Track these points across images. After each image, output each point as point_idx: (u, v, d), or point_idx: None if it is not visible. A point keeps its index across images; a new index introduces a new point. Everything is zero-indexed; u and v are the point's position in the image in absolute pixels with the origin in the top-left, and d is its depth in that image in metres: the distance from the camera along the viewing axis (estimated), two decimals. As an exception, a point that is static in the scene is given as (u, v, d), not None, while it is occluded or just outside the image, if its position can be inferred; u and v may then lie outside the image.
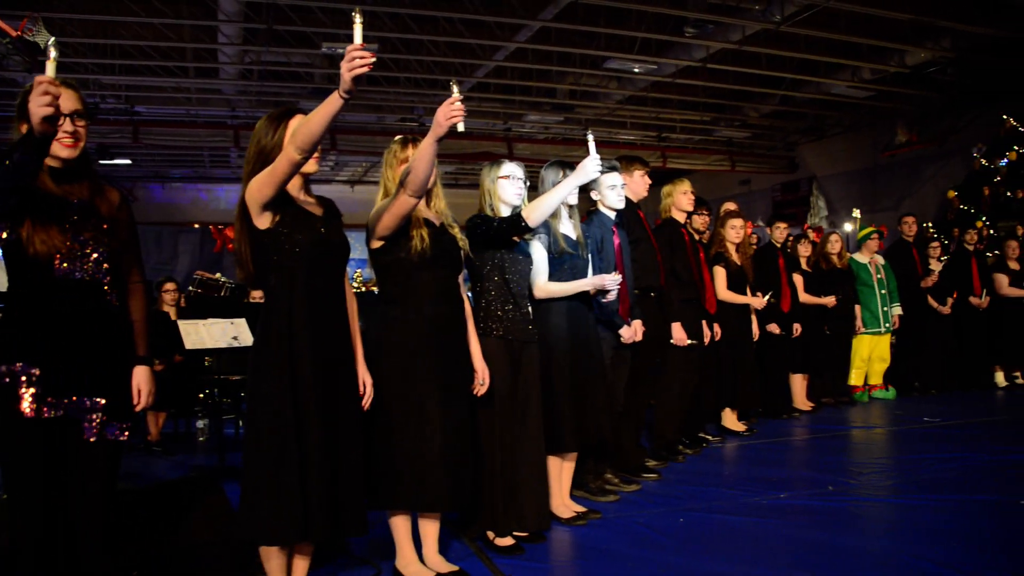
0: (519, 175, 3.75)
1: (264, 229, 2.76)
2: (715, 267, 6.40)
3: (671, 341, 5.27)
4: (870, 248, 8.37)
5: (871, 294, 8.21)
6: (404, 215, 3.04)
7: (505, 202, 3.73)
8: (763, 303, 6.62)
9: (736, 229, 6.50)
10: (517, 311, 3.65)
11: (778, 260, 7.34)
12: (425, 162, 2.88)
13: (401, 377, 3.10)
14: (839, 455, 5.55)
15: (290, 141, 2.58)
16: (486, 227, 3.59)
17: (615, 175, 4.46)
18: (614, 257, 4.39)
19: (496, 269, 3.63)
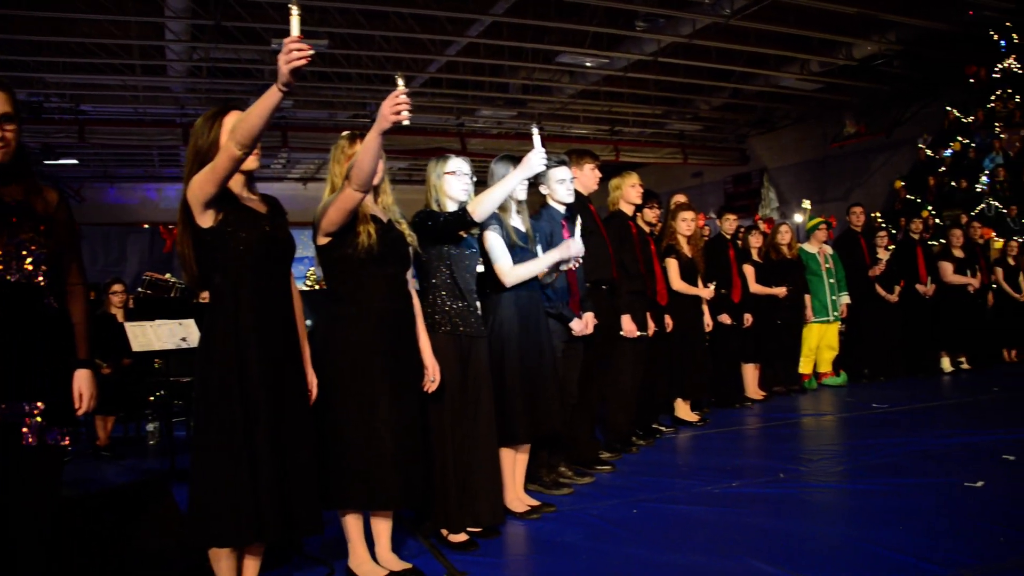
0: (465, 170, 3.74)
1: (207, 228, 2.72)
2: (667, 259, 6.43)
3: (620, 333, 5.29)
4: (819, 238, 8.47)
5: (820, 283, 8.30)
6: (350, 209, 3.02)
7: (452, 197, 3.71)
8: (711, 293, 6.68)
9: (687, 222, 6.52)
10: (465, 306, 3.64)
11: (728, 251, 7.40)
12: (370, 155, 2.86)
13: (351, 375, 3.07)
14: (791, 443, 5.62)
15: (230, 137, 2.54)
16: (432, 223, 3.57)
17: (564, 169, 4.47)
18: None
19: (443, 264, 3.62)
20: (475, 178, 3.82)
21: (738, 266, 7.46)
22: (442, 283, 3.61)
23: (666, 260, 6.42)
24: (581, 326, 4.39)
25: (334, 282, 3.18)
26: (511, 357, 3.88)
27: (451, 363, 3.53)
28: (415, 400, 3.24)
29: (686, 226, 6.51)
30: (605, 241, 5.07)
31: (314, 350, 3.09)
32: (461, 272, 3.65)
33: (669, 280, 6.36)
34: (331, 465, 3.06)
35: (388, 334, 3.15)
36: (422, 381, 3.35)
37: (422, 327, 3.43)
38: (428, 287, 3.63)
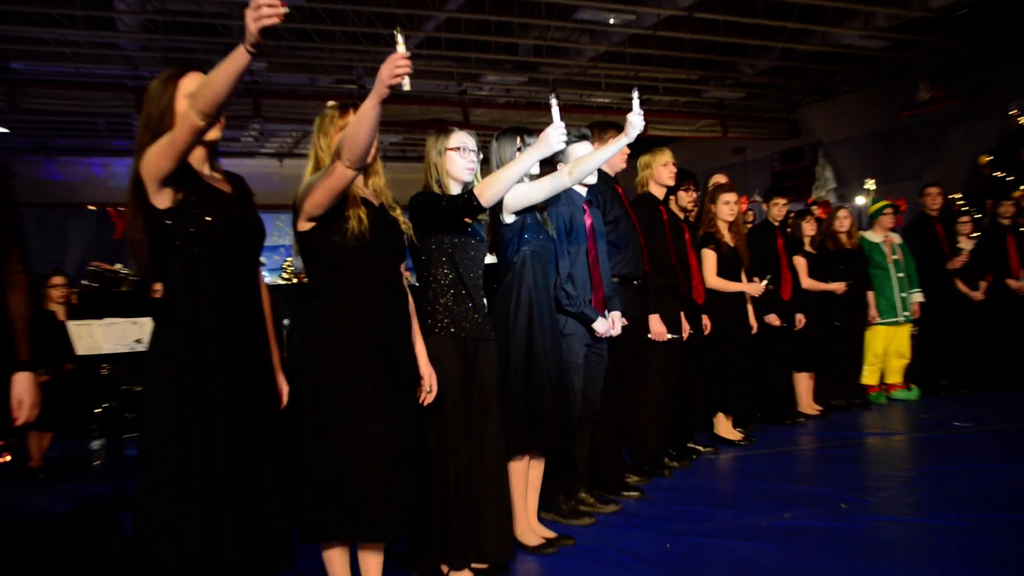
0: (471, 146, 3.77)
1: (164, 209, 2.72)
2: (704, 250, 6.48)
3: (648, 336, 5.33)
4: (884, 224, 8.50)
5: (886, 278, 8.34)
6: (340, 190, 3.03)
7: (455, 177, 3.75)
8: (760, 289, 6.70)
9: (728, 205, 6.56)
10: (470, 304, 3.68)
11: (777, 240, 7.46)
12: (366, 127, 2.86)
13: (335, 385, 3.08)
14: (853, 467, 5.63)
15: (190, 104, 2.56)
16: (432, 207, 3.60)
17: (585, 145, 4.50)
18: (585, 240, 4.43)
19: (444, 256, 3.65)
20: (481, 155, 3.87)
21: (788, 258, 7.51)
22: (442, 278, 3.65)
23: (703, 251, 6.46)
24: (606, 326, 4.42)
25: (316, 275, 3.20)
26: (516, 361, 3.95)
27: (452, 370, 3.57)
28: (411, 414, 3.26)
29: (727, 210, 6.55)
30: (635, 229, 5.11)
31: (291, 355, 3.11)
32: (465, 265, 3.68)
33: (706, 274, 6.41)
34: (312, 491, 3.06)
35: (379, 337, 3.16)
36: (417, 392, 3.38)
37: (417, 329, 3.46)
38: (426, 282, 3.66)
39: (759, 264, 7.10)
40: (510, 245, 4.05)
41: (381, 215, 3.25)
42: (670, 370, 5.60)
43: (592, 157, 4.09)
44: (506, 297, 4.00)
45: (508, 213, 4.03)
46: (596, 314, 4.39)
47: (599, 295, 4.47)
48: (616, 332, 4.55)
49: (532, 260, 4.03)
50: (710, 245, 6.49)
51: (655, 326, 5.34)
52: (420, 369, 3.41)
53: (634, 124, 4.04)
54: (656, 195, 5.77)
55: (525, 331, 3.96)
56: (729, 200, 6.57)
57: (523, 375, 3.94)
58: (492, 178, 3.62)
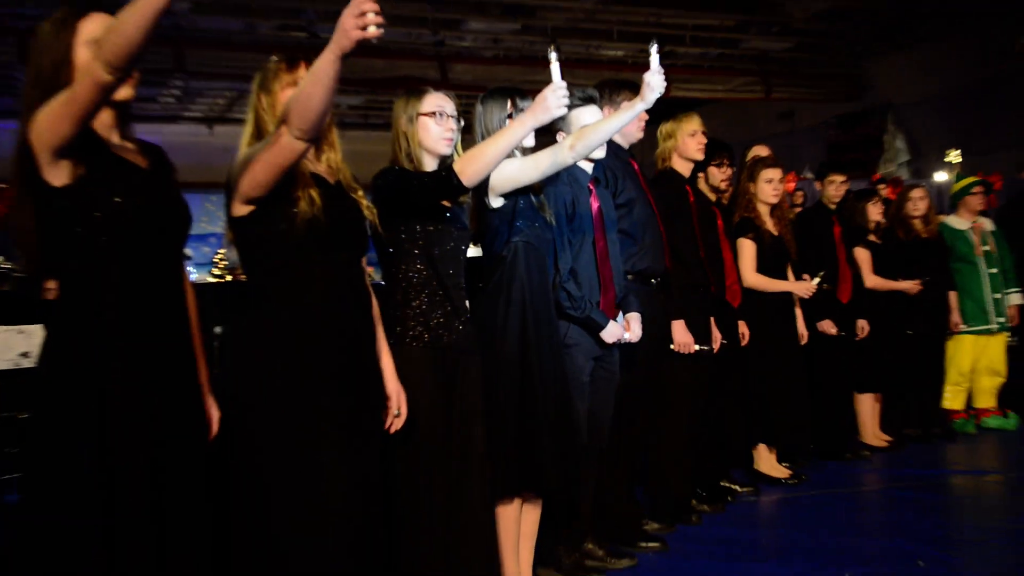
0: (449, 110, 3.79)
1: (60, 187, 2.70)
2: (740, 240, 6.49)
3: (671, 348, 5.36)
4: (972, 207, 8.51)
5: (975, 275, 8.37)
6: (286, 165, 2.99)
7: (429, 150, 3.77)
8: (811, 289, 6.66)
9: (771, 184, 6.57)
10: (449, 308, 3.70)
11: (833, 228, 7.45)
12: (322, 87, 2.79)
13: (282, 412, 3.05)
14: (931, 515, 5.62)
15: (94, 54, 2.54)
16: (401, 187, 3.62)
17: (592, 110, 4.53)
18: (591, 226, 4.44)
19: (417, 248, 3.67)
20: (462, 121, 3.88)
21: (847, 250, 7.51)
22: (414, 275, 3.67)
23: (739, 241, 6.48)
24: (617, 333, 4.45)
25: (257, 272, 3.18)
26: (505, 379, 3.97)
27: (427, 389, 3.58)
28: (376, 444, 3.26)
29: (770, 191, 6.57)
30: (654, 214, 5.13)
31: (224, 373, 3.10)
32: (443, 260, 3.70)
33: (742, 270, 6.43)
34: (252, 542, 3.03)
35: (336, 349, 3.14)
36: (384, 416, 3.39)
37: (383, 339, 3.47)
38: (394, 281, 3.68)
39: (810, 258, 7.10)
40: (498, 235, 4.07)
41: (338, 197, 3.24)
42: (698, 390, 5.61)
43: (601, 126, 4.07)
44: (494, 299, 4.02)
45: (496, 195, 4.05)
46: (605, 319, 4.41)
47: (609, 296, 4.49)
48: (635, 337, 4.58)
49: (526, 253, 4.05)
50: (748, 234, 6.50)
51: (679, 335, 5.35)
52: (387, 388, 3.42)
53: (653, 84, 3.95)
54: (681, 172, 5.78)
55: (518, 342, 3.98)
56: (773, 178, 6.57)
57: (515, 397, 3.95)
58: (476, 151, 3.63)
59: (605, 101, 4.91)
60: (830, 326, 7.21)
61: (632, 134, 5.11)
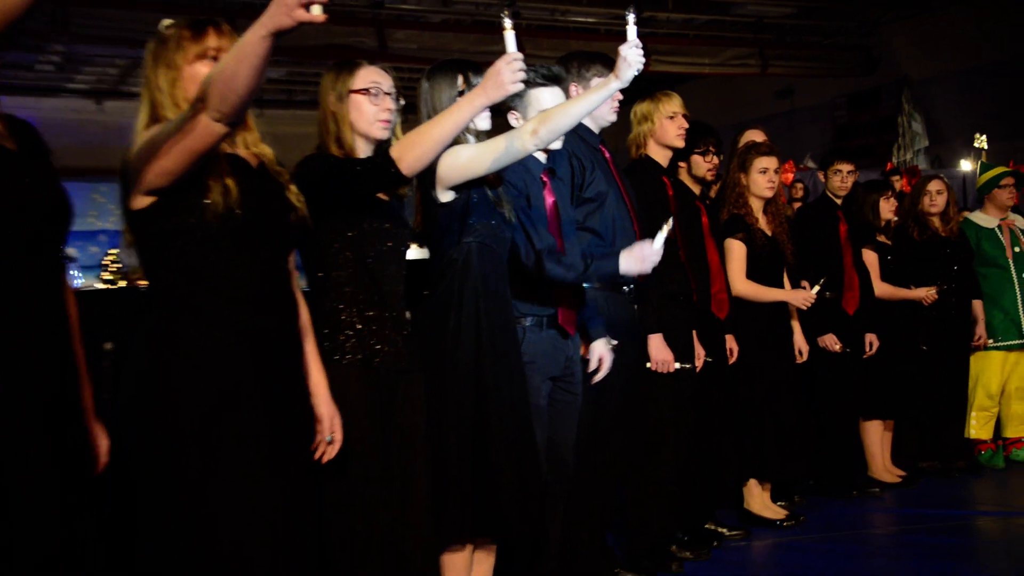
0: (386, 87, 3.84)
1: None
2: (728, 240, 6.52)
3: (647, 366, 5.38)
4: (1001, 202, 8.58)
5: (1004, 281, 8.43)
6: (203, 150, 2.92)
7: (363, 133, 3.82)
8: (811, 298, 6.70)
9: (765, 175, 6.59)
10: (387, 317, 3.75)
11: (838, 226, 7.51)
12: (250, 67, 2.75)
13: (191, 442, 3.00)
14: (953, 563, 5.63)
15: None
16: (331, 177, 3.66)
17: (553, 91, 4.58)
18: (545, 225, 4.51)
19: (349, 249, 3.71)
20: (402, 100, 3.91)
21: (854, 252, 7.57)
22: (345, 281, 3.71)
23: (727, 242, 6.51)
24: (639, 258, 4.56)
25: (161, 275, 3.14)
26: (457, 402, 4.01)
27: (362, 413, 3.61)
28: (300, 477, 3.26)
29: (763, 183, 6.60)
30: (627, 209, 5.18)
31: (121, 396, 3.10)
32: (379, 262, 3.75)
33: (730, 276, 6.45)
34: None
35: (255, 365, 3.12)
36: (313, 443, 3.41)
37: (313, 353, 3.48)
38: (321, 287, 3.72)
39: (811, 261, 7.18)
40: (448, 234, 4.10)
41: (260, 183, 3.21)
42: (679, 417, 5.63)
43: (569, 108, 4.06)
44: (442, 310, 4.07)
45: (444, 188, 4.07)
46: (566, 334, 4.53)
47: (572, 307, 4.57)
48: (604, 370, 4.67)
49: (480, 256, 4.10)
50: (738, 234, 6.53)
51: (656, 351, 5.38)
52: (317, 411, 3.43)
53: (629, 59, 3.95)
54: (658, 161, 5.81)
55: (471, 359, 4.02)
56: (767, 167, 6.59)
57: (468, 423, 3.98)
58: (417, 134, 3.68)
59: (573, 77, 4.97)
60: (833, 341, 7.26)
61: (603, 116, 5.08)
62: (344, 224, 3.72)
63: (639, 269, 4.50)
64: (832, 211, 7.59)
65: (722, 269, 6.32)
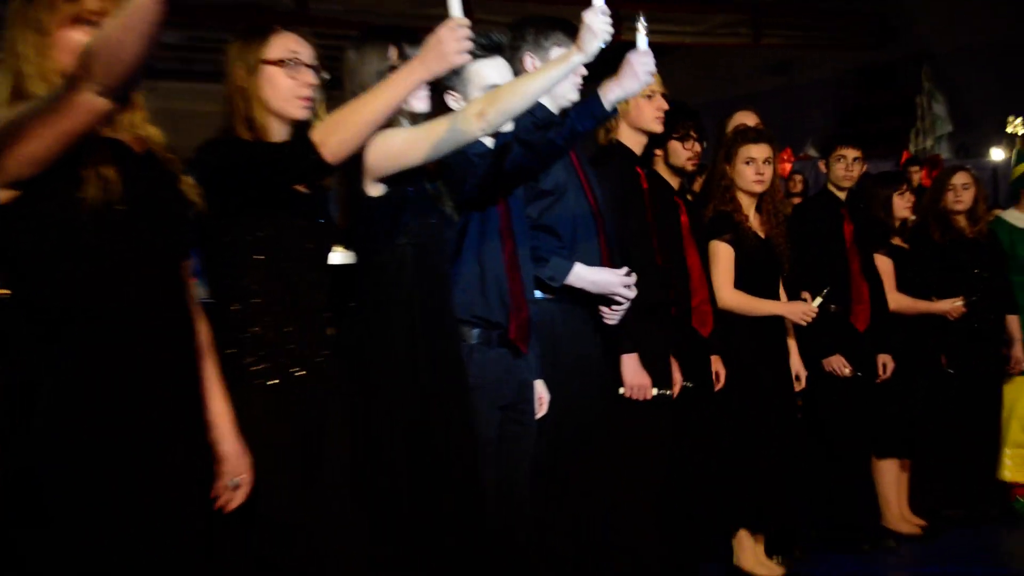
0: (306, 58, 3.84)
1: None
2: (714, 243, 6.55)
3: (620, 392, 5.41)
4: (1040, 198, 8.59)
5: (1044, 293, 8.42)
6: (80, 131, 2.90)
7: (277, 112, 3.81)
8: (811, 312, 6.72)
9: (754, 165, 6.63)
10: (304, 335, 3.75)
11: (843, 225, 7.56)
12: (139, 34, 2.77)
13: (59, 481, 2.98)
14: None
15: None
16: (239, 165, 3.66)
17: (495, 62, 4.64)
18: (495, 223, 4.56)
19: (258, 250, 3.70)
20: (326, 73, 3.92)
21: (864, 257, 7.61)
22: (255, 289, 3.70)
23: (712, 244, 6.55)
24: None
25: (23, 285, 3.11)
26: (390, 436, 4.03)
27: (275, 450, 3.60)
28: (202, 528, 3.26)
29: (751, 175, 6.64)
30: (590, 205, 5.21)
31: None
32: (295, 267, 3.75)
33: (716, 285, 6.48)
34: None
35: (138, 395, 3.10)
36: (214, 487, 3.40)
37: (214, 376, 3.47)
38: (225, 296, 3.72)
39: (812, 267, 7.23)
40: (377, 235, 4.12)
41: (147, 173, 3.19)
42: (655, 454, 5.66)
43: (521, 85, 4.08)
44: (371, 323, 4.10)
45: (374, 179, 4.08)
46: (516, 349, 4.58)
47: (521, 318, 4.59)
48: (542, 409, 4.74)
49: (417, 261, 4.13)
50: (725, 235, 6.56)
51: (631, 375, 5.42)
52: (220, 448, 3.42)
53: (595, 28, 3.93)
54: (632, 148, 5.85)
55: (406, 384, 4.04)
56: (758, 156, 6.63)
57: (401, 462, 4.01)
58: (342, 115, 3.69)
59: (528, 46, 5.01)
60: (840, 364, 7.27)
61: (563, 94, 5.01)
62: (254, 222, 3.69)
63: (632, 85, 4.44)
64: (836, 208, 7.63)
65: (705, 277, 6.35)
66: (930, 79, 16.84)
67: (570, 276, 4.82)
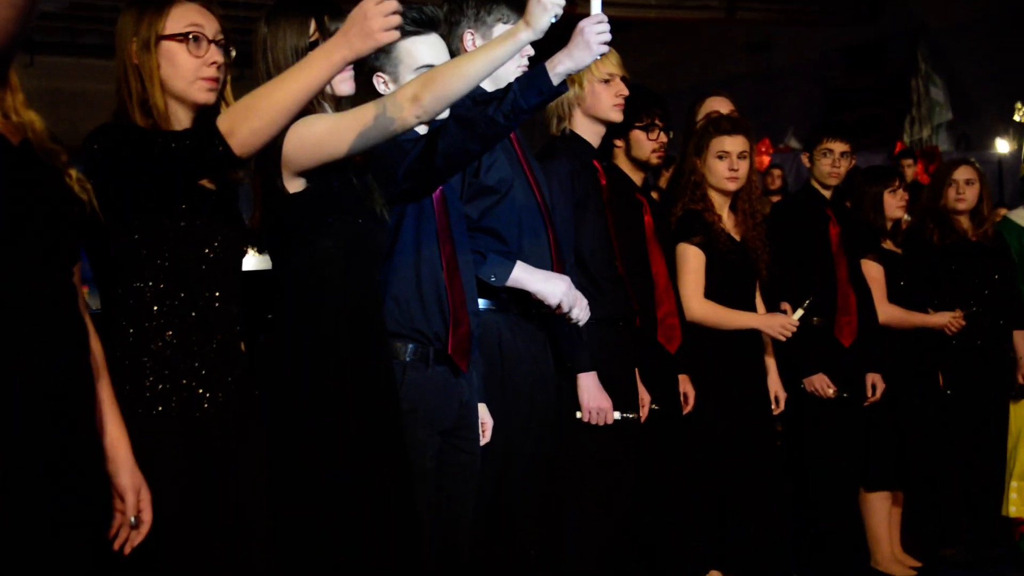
0: (210, 32, 3.82)
1: None
2: (682, 246, 6.58)
3: (577, 416, 5.41)
4: (1047, 196, 8.62)
5: (1054, 303, 8.46)
6: None
7: (179, 95, 3.81)
8: (791, 326, 6.77)
9: (727, 160, 6.66)
10: (212, 352, 3.73)
11: (829, 227, 7.57)
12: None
13: None
14: None
15: None
16: (136, 155, 3.60)
17: (430, 39, 4.63)
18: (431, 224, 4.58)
19: (158, 254, 3.68)
20: (233, 50, 3.90)
21: (851, 262, 7.62)
22: (153, 299, 3.67)
23: (679, 248, 6.59)
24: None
25: None
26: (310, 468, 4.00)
27: (179, 484, 3.59)
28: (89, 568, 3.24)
29: (723, 171, 6.68)
30: (537, 203, 5.20)
31: None
32: (200, 274, 3.73)
33: (684, 294, 6.50)
34: None
35: (28, 418, 3.06)
36: (112, 529, 3.37)
37: (109, 401, 3.43)
38: (120, 308, 3.69)
39: (792, 274, 7.24)
40: (298, 237, 4.10)
41: (26, 169, 3.14)
42: (618, 485, 5.66)
43: (461, 66, 3.97)
44: (290, 340, 4.08)
45: (292, 173, 4.04)
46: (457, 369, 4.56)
47: (461, 331, 4.58)
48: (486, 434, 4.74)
49: (344, 266, 4.11)
50: (694, 237, 6.58)
51: (589, 397, 5.41)
52: (116, 482, 3.39)
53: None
54: (588, 139, 5.85)
55: (330, 407, 4.02)
56: (731, 150, 6.67)
57: (323, 496, 3.98)
58: (256, 99, 3.63)
59: (469, 23, 5.01)
60: (824, 384, 7.28)
61: (507, 77, 4.85)
62: (151, 222, 3.67)
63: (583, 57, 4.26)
64: (820, 207, 7.63)
65: (671, 286, 6.36)
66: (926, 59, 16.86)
67: (512, 277, 4.81)
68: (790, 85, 18.20)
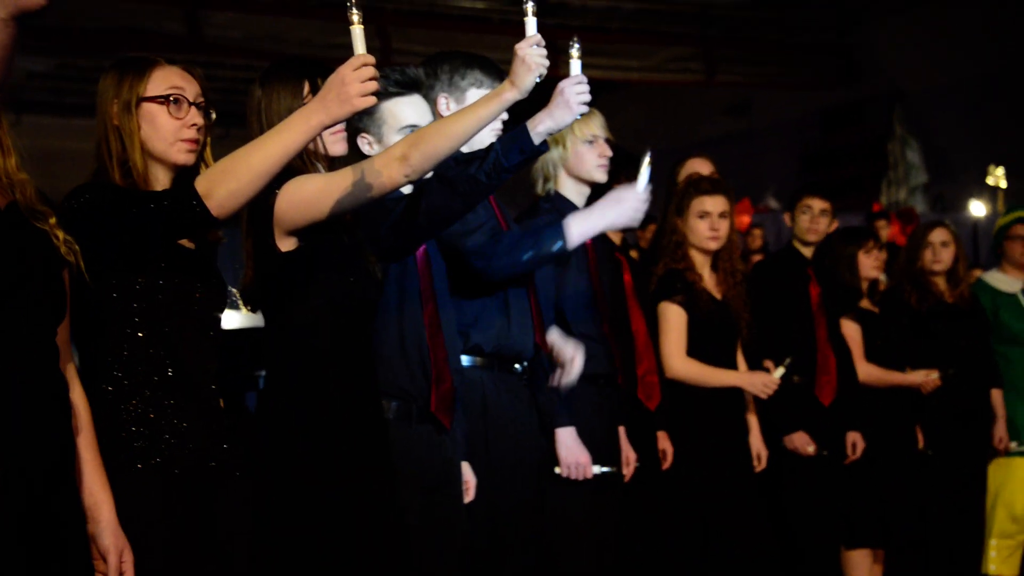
0: (190, 94, 3.82)
1: None
2: (663, 305, 6.58)
3: (556, 471, 5.38)
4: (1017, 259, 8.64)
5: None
6: None
7: (159, 156, 3.80)
8: (772, 384, 6.74)
9: (708, 220, 6.66)
10: (193, 410, 3.70)
11: (809, 286, 7.58)
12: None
13: None
14: None
15: None
16: (115, 215, 3.58)
17: (412, 99, 4.65)
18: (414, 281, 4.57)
19: (139, 313, 3.66)
20: (213, 112, 3.89)
21: (830, 321, 7.63)
22: (136, 355, 3.65)
23: (661, 307, 6.58)
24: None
25: None
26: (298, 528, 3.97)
27: (161, 541, 3.55)
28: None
29: (704, 231, 6.68)
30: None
31: None
32: (182, 331, 3.71)
33: (665, 353, 6.50)
34: None
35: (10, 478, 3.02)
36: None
37: (94, 461, 3.40)
38: (103, 366, 3.66)
39: (773, 333, 7.25)
40: (289, 295, 4.09)
41: (12, 229, 3.12)
42: (597, 543, 5.60)
43: (447, 126, 3.97)
44: (280, 396, 4.07)
45: (284, 232, 4.03)
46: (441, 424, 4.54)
47: (444, 388, 4.57)
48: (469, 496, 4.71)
49: (334, 325, 4.11)
50: (675, 296, 6.58)
51: (566, 451, 5.38)
52: (99, 541, 3.34)
53: (528, 59, 3.88)
54: (572, 199, 5.86)
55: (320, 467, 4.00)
56: (711, 210, 6.67)
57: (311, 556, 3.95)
58: (234, 161, 3.61)
59: (443, 87, 5.02)
60: (805, 442, 7.27)
61: (480, 140, 4.81)
62: (131, 281, 3.65)
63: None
64: (800, 267, 7.64)
65: (651, 344, 6.36)
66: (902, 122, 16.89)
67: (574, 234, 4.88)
68: (769, 146, 18.24)
